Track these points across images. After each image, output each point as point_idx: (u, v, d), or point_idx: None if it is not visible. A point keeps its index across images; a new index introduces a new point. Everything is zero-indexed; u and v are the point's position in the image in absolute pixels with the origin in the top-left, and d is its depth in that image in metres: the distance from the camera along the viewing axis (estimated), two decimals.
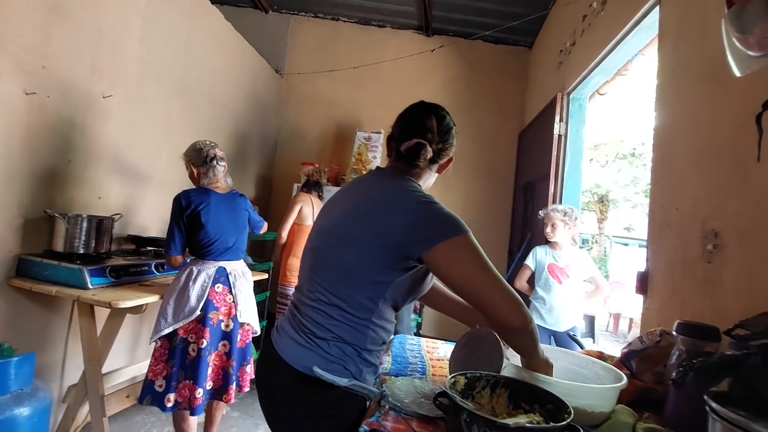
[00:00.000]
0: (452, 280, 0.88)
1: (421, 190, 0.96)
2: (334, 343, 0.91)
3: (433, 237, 0.86)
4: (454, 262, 0.86)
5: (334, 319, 0.91)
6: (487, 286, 0.85)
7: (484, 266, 0.85)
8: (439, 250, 0.86)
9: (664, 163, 1.60)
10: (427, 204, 0.91)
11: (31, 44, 1.76)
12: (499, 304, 0.84)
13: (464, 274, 0.86)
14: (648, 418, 1.00)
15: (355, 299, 0.90)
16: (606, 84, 2.89)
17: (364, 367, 0.94)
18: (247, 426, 2.40)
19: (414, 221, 0.88)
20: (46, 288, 1.71)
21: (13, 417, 1.50)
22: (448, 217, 0.89)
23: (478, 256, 0.86)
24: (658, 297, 1.55)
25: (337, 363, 0.90)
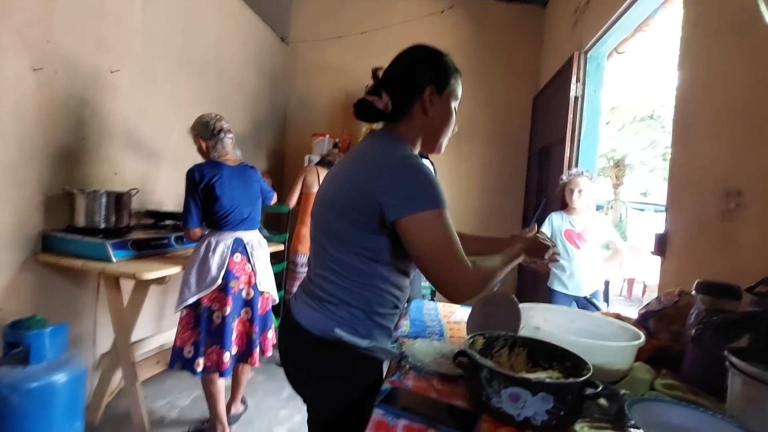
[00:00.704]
0: (416, 254, 0.84)
1: (403, 150, 0.88)
2: (342, 306, 0.92)
3: (405, 205, 0.81)
4: (421, 236, 0.81)
5: (336, 284, 0.91)
6: (449, 267, 0.82)
7: (451, 247, 0.82)
8: (409, 219, 0.81)
9: (685, 121, 1.54)
10: (407, 167, 0.84)
11: (34, 18, 1.74)
12: (458, 286, 0.83)
13: (429, 251, 0.82)
14: (665, 375, 1.02)
15: (349, 264, 0.90)
16: (625, 42, 2.76)
17: (375, 330, 0.94)
18: (272, 389, 2.51)
19: (386, 184, 0.83)
20: (72, 262, 1.77)
21: (51, 383, 1.58)
22: (424, 186, 0.82)
23: (447, 235, 0.82)
24: (676, 258, 1.53)
25: (347, 325, 0.91)
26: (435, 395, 0.86)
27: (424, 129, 0.94)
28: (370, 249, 0.88)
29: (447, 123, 0.96)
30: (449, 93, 0.94)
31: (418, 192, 0.82)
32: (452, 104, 0.95)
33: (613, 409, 0.83)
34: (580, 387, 0.75)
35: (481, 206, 4.05)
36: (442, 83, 0.93)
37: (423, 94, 0.91)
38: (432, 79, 0.92)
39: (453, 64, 0.96)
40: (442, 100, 0.93)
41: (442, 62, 0.94)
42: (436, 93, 0.92)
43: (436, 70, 0.93)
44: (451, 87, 0.94)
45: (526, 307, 1.16)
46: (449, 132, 0.97)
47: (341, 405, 0.95)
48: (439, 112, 0.94)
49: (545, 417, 0.72)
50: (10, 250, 1.72)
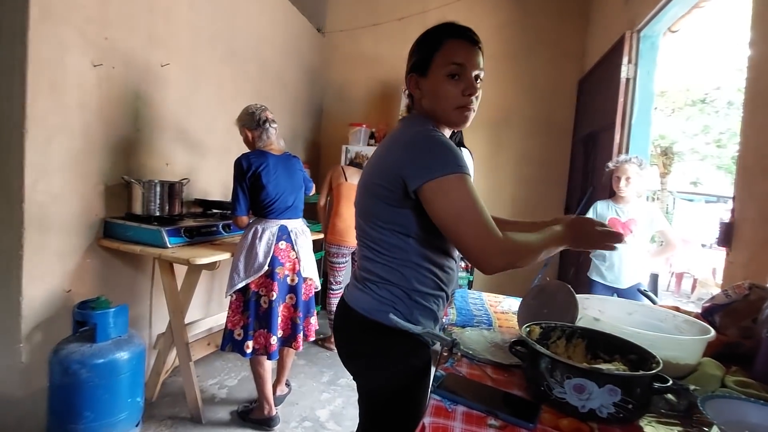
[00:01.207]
0: (437, 220, 0.83)
1: (422, 126, 0.89)
2: (383, 285, 0.94)
3: (424, 174, 0.82)
4: (442, 201, 0.81)
5: (376, 262, 0.94)
6: (468, 229, 0.80)
7: (470, 208, 0.80)
8: (429, 186, 0.82)
9: (762, 100, 1.41)
10: (424, 138, 0.86)
11: (93, 15, 1.83)
12: (477, 247, 0.79)
13: (448, 215, 0.81)
14: (736, 372, 0.96)
15: (384, 241, 0.92)
16: (680, 20, 2.56)
17: (415, 310, 0.94)
18: (312, 373, 2.59)
19: (408, 156, 0.85)
20: (131, 248, 1.88)
21: (115, 360, 1.70)
22: (443, 153, 0.83)
23: (466, 197, 0.80)
24: (746, 249, 1.42)
25: (387, 304, 0.93)
26: (491, 383, 0.85)
27: (427, 110, 0.94)
28: (400, 224, 0.90)
29: (440, 97, 0.91)
30: (436, 66, 0.91)
31: (435, 159, 0.83)
32: (443, 73, 0.90)
33: (682, 405, 0.79)
34: (650, 380, 0.72)
35: (521, 197, 3.93)
36: (421, 65, 0.93)
37: (409, 84, 0.96)
38: (410, 68, 0.95)
39: (439, 32, 0.92)
40: (427, 79, 0.92)
41: (417, 46, 0.95)
42: (418, 77, 0.94)
43: (412, 57, 0.95)
44: (436, 60, 0.90)
45: (580, 298, 1.12)
46: (450, 103, 0.90)
47: (389, 386, 0.96)
48: (430, 90, 0.92)
49: (612, 410, 0.70)
50: (77, 235, 1.85)
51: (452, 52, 0.89)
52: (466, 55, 0.89)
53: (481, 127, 3.90)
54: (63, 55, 1.72)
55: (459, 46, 0.89)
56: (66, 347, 1.65)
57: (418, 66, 0.93)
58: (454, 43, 0.90)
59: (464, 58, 0.89)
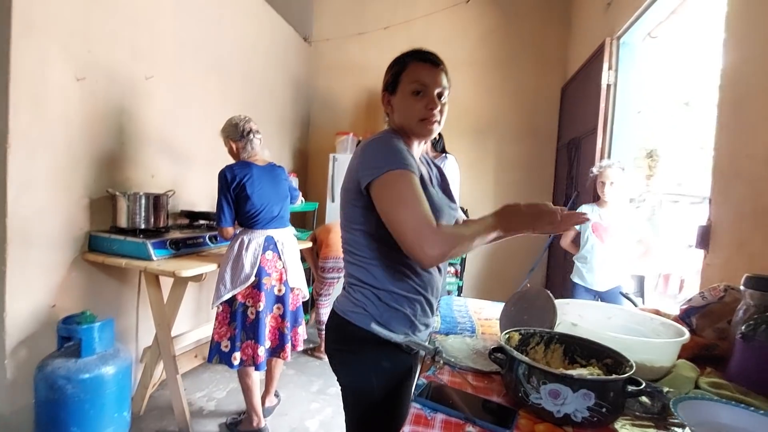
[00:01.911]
0: (381, 215, 0.89)
1: (380, 135, 0.97)
2: (357, 287, 1.00)
3: (369, 174, 0.90)
4: (381, 197, 0.89)
5: (350, 263, 1.01)
6: (399, 219, 0.85)
7: (401, 200, 0.86)
8: (374, 184, 0.89)
9: (733, 106, 1.46)
10: (373, 141, 0.95)
11: (76, 29, 1.83)
12: (406, 237, 0.84)
13: (385, 209, 0.88)
14: (710, 373, 0.98)
15: (355, 241, 0.99)
16: (658, 25, 2.63)
17: (386, 312, 0.97)
18: (302, 382, 2.57)
19: (360, 159, 0.94)
20: (116, 261, 1.86)
21: (101, 375, 1.69)
22: (383, 154, 0.91)
23: (399, 190, 0.87)
24: (722, 252, 1.46)
25: (360, 306, 0.98)
26: (471, 390, 0.86)
27: (396, 124, 1.03)
28: (361, 222, 0.97)
29: (406, 110, 0.99)
30: (403, 85, 0.99)
31: (382, 159, 0.90)
32: (408, 90, 0.98)
33: (656, 407, 0.81)
34: (623, 384, 0.74)
35: (508, 200, 3.95)
36: (391, 84, 1.02)
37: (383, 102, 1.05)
38: (383, 87, 1.04)
39: (410, 55, 1.00)
40: (396, 96, 1.01)
41: (393, 66, 1.02)
42: (389, 95, 1.03)
43: (386, 76, 1.03)
44: (402, 79, 0.99)
45: (560, 303, 1.14)
46: (414, 116, 0.98)
47: (360, 385, 0.99)
48: (398, 106, 1.01)
49: (586, 414, 0.71)
50: (61, 249, 1.84)
51: (416, 72, 0.98)
52: (429, 75, 0.98)
53: (467, 133, 3.95)
54: (46, 69, 1.72)
55: (422, 67, 0.98)
56: (51, 363, 1.64)
57: (388, 85, 1.03)
58: (417, 65, 0.99)
59: (427, 77, 0.97)
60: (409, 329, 1.00)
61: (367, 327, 0.94)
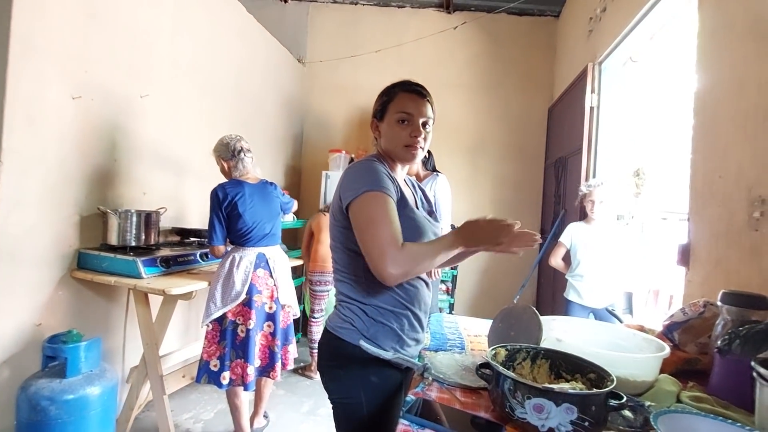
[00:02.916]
0: (355, 233, 0.95)
1: (364, 160, 1.03)
2: (346, 303, 1.03)
3: (348, 196, 0.96)
4: (354, 218, 0.95)
5: (340, 281, 1.05)
6: (366, 239, 0.91)
7: (370, 221, 0.91)
8: (352, 204, 0.95)
9: (705, 129, 1.53)
10: (354, 166, 1.01)
11: (73, 50, 1.87)
12: (371, 255, 0.90)
13: (358, 230, 0.94)
14: (692, 387, 1.00)
15: (342, 259, 1.03)
16: (638, 51, 2.75)
17: (372, 327, 0.99)
18: (292, 402, 2.53)
19: (342, 183, 1.00)
20: (105, 278, 1.85)
21: (86, 396, 1.65)
22: (360, 177, 0.97)
23: (369, 211, 0.92)
24: (701, 269, 1.51)
25: (348, 322, 1.01)
26: (458, 406, 0.88)
27: (382, 150, 1.08)
28: (343, 240, 1.02)
29: (392, 136, 1.05)
30: (390, 113, 1.05)
31: (360, 180, 0.96)
32: (394, 118, 1.04)
33: (638, 421, 0.83)
34: (604, 398, 0.76)
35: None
36: (381, 111, 1.07)
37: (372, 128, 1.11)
38: (372, 114, 1.10)
39: (397, 86, 1.06)
40: (384, 123, 1.06)
41: (382, 95, 1.08)
42: (377, 120, 1.09)
43: (376, 104, 1.09)
44: (389, 108, 1.05)
45: (546, 319, 1.17)
46: (399, 142, 1.03)
47: (349, 401, 1.00)
48: (383, 133, 1.07)
49: (569, 428, 0.73)
50: (49, 267, 1.82)
51: (403, 102, 1.04)
52: (414, 106, 1.03)
53: (457, 152, 4.04)
54: (42, 89, 1.74)
55: (409, 98, 1.04)
56: (35, 383, 1.60)
57: (377, 113, 1.09)
58: (405, 95, 1.04)
59: (412, 108, 1.03)
60: (397, 344, 1.01)
61: (355, 343, 0.96)
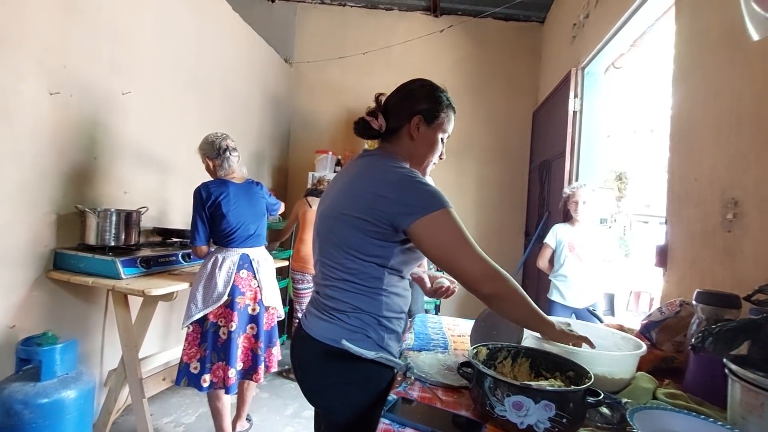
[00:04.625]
0: (431, 253, 0.91)
1: (402, 166, 0.97)
2: (353, 314, 0.97)
3: (414, 212, 0.90)
4: (433, 236, 0.90)
5: (348, 291, 0.97)
6: (461, 257, 0.89)
7: (460, 238, 0.89)
8: (419, 223, 0.89)
9: (682, 134, 1.58)
10: (410, 179, 0.94)
11: (52, 44, 1.82)
12: (471, 272, 0.89)
13: (441, 247, 0.90)
14: (668, 385, 1.03)
15: (362, 271, 0.96)
16: (621, 57, 2.82)
17: (385, 334, 0.99)
18: (276, 406, 2.51)
19: (397, 196, 0.92)
20: (82, 279, 1.80)
21: (61, 399, 1.60)
22: (428, 192, 0.92)
23: (455, 229, 0.90)
24: (678, 269, 1.55)
25: (359, 332, 0.96)
26: (440, 405, 0.88)
27: (410, 152, 1.03)
28: (379, 256, 0.95)
29: (431, 150, 1.03)
30: (438, 125, 1.02)
31: (424, 198, 0.91)
32: (439, 135, 1.03)
33: (616, 417, 0.85)
34: (582, 395, 0.77)
35: (483, 221, 4.07)
36: (432, 115, 1.02)
37: (411, 121, 1.01)
38: (422, 110, 1.01)
39: (448, 100, 1.04)
40: (429, 130, 1.02)
41: (435, 96, 1.03)
42: (423, 122, 1.01)
43: (428, 102, 1.02)
44: (441, 120, 1.02)
45: None
46: (433, 159, 1.04)
47: (356, 413, 0.97)
48: (425, 139, 1.02)
49: (548, 425, 0.74)
50: (23, 267, 1.77)
51: (450, 123, 1.05)
52: (452, 128, 1.05)
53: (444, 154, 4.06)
54: (17, 84, 1.69)
55: (452, 120, 1.05)
56: (8, 387, 1.55)
57: (429, 114, 1.01)
58: (452, 116, 1.05)
59: (451, 131, 1.05)
60: (397, 345, 1.03)
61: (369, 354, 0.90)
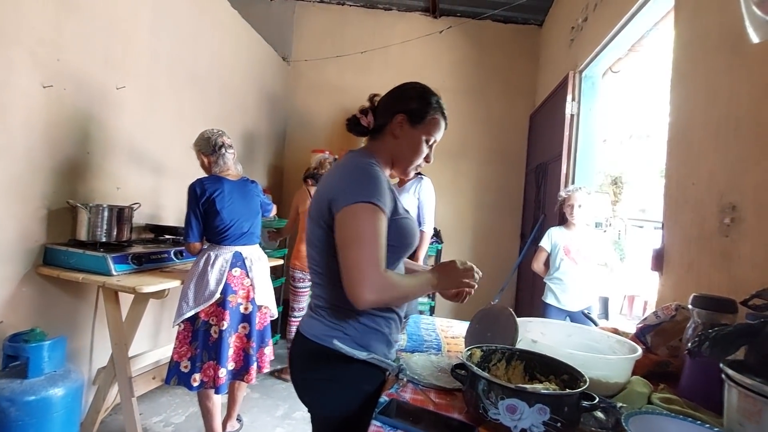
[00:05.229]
0: (338, 245, 0.87)
1: (367, 161, 0.95)
2: (331, 310, 0.96)
3: (343, 199, 0.87)
4: (343, 226, 0.87)
5: (325, 287, 0.97)
6: (352, 255, 0.84)
7: (362, 237, 0.84)
8: (341, 212, 0.87)
9: (680, 138, 1.57)
10: (357, 168, 0.93)
11: (46, 37, 1.79)
12: (355, 276, 0.82)
13: (343, 239, 0.86)
14: (663, 389, 1.02)
15: (327, 265, 0.93)
16: (619, 61, 2.83)
17: (365, 333, 0.96)
18: (267, 406, 2.48)
19: (339, 182, 0.92)
20: (72, 275, 1.77)
21: (48, 397, 1.57)
22: (363, 184, 0.89)
23: (365, 226, 0.85)
24: (674, 273, 1.54)
25: (338, 329, 0.94)
26: (432, 408, 0.86)
27: (392, 151, 1.02)
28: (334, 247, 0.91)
29: (413, 151, 1.01)
30: (423, 127, 1.00)
31: (356, 189, 0.88)
32: (423, 137, 1.00)
33: (610, 422, 0.84)
34: (577, 399, 0.76)
35: (480, 223, 4.07)
36: (417, 115, 0.99)
37: (394, 119, 0.99)
38: (408, 109, 0.99)
39: (438, 104, 1.02)
40: (413, 130, 1.00)
41: (424, 98, 1.01)
42: (407, 121, 0.99)
43: (416, 102, 1.00)
44: (427, 122, 1.00)
45: (523, 321, 1.17)
46: (415, 160, 1.02)
47: (341, 413, 0.95)
48: (408, 139, 1.00)
49: (542, 429, 0.73)
50: (12, 262, 1.73)
51: (439, 127, 1.02)
52: (441, 136, 1.03)
53: (441, 156, 4.03)
54: (10, 76, 1.66)
55: (443, 126, 1.03)
56: None
57: (414, 114, 0.99)
58: (442, 122, 1.02)
59: (440, 137, 1.03)
60: (386, 349, 1.00)
61: (348, 351, 0.89)
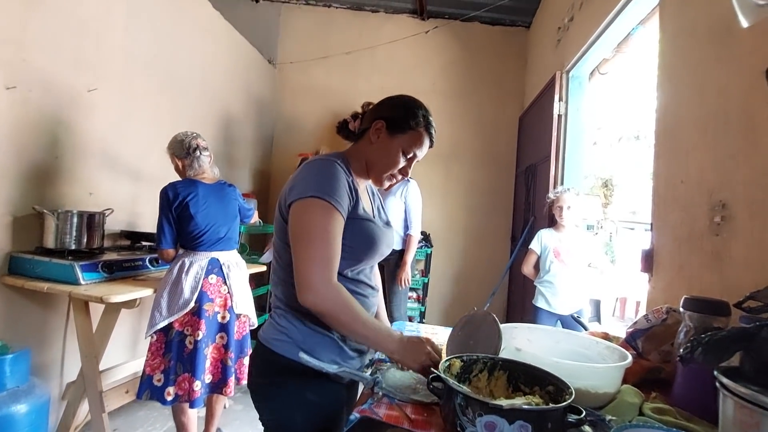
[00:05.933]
0: (290, 239, 0.86)
1: (327, 158, 0.92)
2: (281, 311, 0.93)
3: (296, 192, 0.86)
4: (294, 220, 0.85)
5: (275, 283, 0.94)
6: (301, 252, 0.83)
7: (311, 236, 0.82)
8: (292, 208, 0.86)
9: (667, 134, 1.53)
10: (315, 163, 0.91)
11: (9, 36, 1.71)
12: (301, 275, 0.82)
13: (294, 235, 0.85)
14: (655, 398, 0.96)
15: (284, 258, 0.92)
16: (606, 62, 2.81)
17: (309, 338, 0.89)
18: (250, 419, 2.38)
19: (295, 177, 0.90)
20: (37, 285, 1.68)
21: (11, 414, 1.49)
22: (316, 179, 0.87)
23: (314, 222, 0.83)
24: (665, 274, 1.49)
25: (284, 333, 0.90)
26: (407, 425, 0.80)
27: (367, 155, 0.97)
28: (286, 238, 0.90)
29: (386, 161, 0.96)
30: (402, 138, 0.95)
31: (312, 181, 0.86)
32: (399, 148, 0.95)
33: None
34: (562, 413, 0.69)
35: (470, 226, 4.02)
36: (397, 125, 0.95)
37: (373, 124, 0.96)
38: (388, 116, 0.95)
39: (426, 121, 0.97)
40: (390, 139, 0.95)
41: (409, 109, 0.96)
42: (385, 129, 0.95)
43: (399, 112, 0.96)
44: (406, 134, 0.95)
45: (509, 327, 1.11)
46: (388, 170, 0.96)
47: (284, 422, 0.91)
48: (382, 147, 0.95)
49: None
50: None
51: (421, 142, 0.96)
52: (422, 152, 0.98)
53: (431, 159, 4.00)
54: None
55: (425, 143, 0.97)
56: None
57: (392, 123, 0.95)
58: (425, 138, 0.97)
59: (421, 153, 0.98)
60: (338, 356, 0.92)
61: (292, 357, 0.85)
